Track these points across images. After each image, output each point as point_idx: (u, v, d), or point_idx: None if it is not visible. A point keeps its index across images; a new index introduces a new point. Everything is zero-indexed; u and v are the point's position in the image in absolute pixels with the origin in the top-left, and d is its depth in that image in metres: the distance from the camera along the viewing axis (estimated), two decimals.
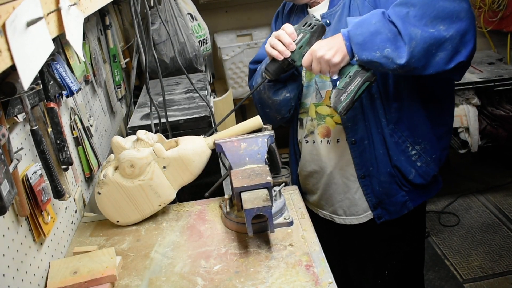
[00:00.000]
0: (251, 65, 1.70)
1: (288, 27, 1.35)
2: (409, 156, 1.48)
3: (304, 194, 1.73)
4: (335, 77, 1.33)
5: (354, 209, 1.57)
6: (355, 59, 1.28)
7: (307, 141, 1.60)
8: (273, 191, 1.28)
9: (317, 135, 1.55)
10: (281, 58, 1.35)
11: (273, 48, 1.35)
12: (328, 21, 1.45)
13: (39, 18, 0.68)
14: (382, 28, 1.22)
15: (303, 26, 1.34)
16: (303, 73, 1.56)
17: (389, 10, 1.25)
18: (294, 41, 1.34)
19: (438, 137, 1.51)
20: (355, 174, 1.52)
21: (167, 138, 1.43)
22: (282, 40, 1.34)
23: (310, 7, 1.54)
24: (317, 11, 1.51)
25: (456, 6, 1.21)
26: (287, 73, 1.44)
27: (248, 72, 1.73)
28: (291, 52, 1.34)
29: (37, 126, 1.04)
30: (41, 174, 1.10)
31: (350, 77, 1.29)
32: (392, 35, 1.22)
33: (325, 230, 1.66)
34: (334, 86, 1.40)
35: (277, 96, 1.51)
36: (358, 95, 1.29)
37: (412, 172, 1.50)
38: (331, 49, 1.28)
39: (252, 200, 1.15)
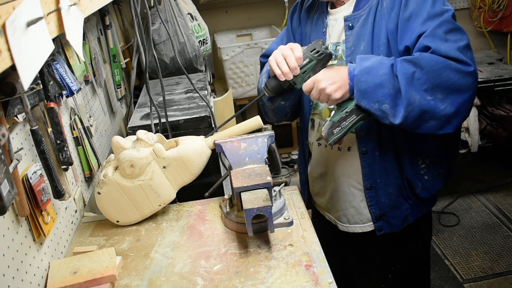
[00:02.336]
0: (262, 58, 1.68)
1: (297, 50, 1.32)
2: (418, 170, 1.47)
3: (313, 195, 1.72)
4: (332, 106, 1.35)
5: (359, 217, 1.55)
6: (354, 102, 1.29)
7: (319, 144, 1.58)
8: (273, 191, 1.28)
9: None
10: (283, 79, 1.34)
11: (278, 66, 1.34)
12: (351, 24, 1.41)
13: (39, 18, 0.68)
14: (386, 83, 1.24)
15: (311, 52, 1.32)
16: None
17: (398, 64, 1.26)
18: (299, 65, 1.32)
19: (446, 151, 1.50)
20: (362, 183, 1.50)
21: (167, 138, 1.43)
22: (288, 62, 1.32)
23: (333, 7, 1.50)
24: (340, 13, 1.47)
25: (461, 79, 1.23)
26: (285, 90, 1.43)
27: (260, 65, 1.71)
28: (294, 76, 1.33)
29: (37, 126, 1.04)
30: (41, 174, 1.10)
31: (347, 113, 1.30)
32: (394, 92, 1.24)
33: (330, 233, 1.65)
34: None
35: (272, 103, 1.51)
36: (350, 131, 1.33)
37: (419, 185, 1.48)
38: (334, 83, 1.28)
39: (252, 200, 1.15)
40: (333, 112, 1.34)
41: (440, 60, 1.23)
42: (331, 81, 1.28)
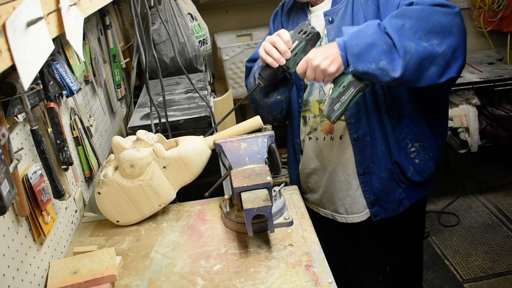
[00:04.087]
0: (248, 63, 1.70)
1: (284, 34, 1.34)
2: (408, 153, 1.50)
3: (304, 193, 1.73)
4: (328, 85, 1.34)
5: (356, 206, 1.58)
6: (350, 69, 1.28)
7: (310, 138, 1.60)
8: (273, 191, 1.28)
9: (320, 131, 1.56)
10: (276, 65, 1.35)
11: (268, 54, 1.35)
12: (331, 19, 1.46)
13: (39, 18, 0.68)
14: (378, 40, 1.23)
15: (299, 34, 1.34)
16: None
17: (385, 21, 1.26)
18: (289, 49, 1.34)
19: (435, 136, 1.54)
20: (356, 170, 1.53)
21: (167, 138, 1.43)
22: (278, 47, 1.34)
23: (312, 6, 1.55)
24: (320, 10, 1.52)
25: (451, 20, 1.24)
26: (280, 77, 1.44)
27: (245, 70, 1.74)
28: (286, 60, 1.34)
29: (37, 126, 1.04)
30: (41, 174, 1.10)
31: (344, 87, 1.30)
32: (387, 47, 1.23)
33: (326, 229, 1.66)
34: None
35: (268, 98, 1.52)
36: (351, 104, 1.32)
37: (410, 169, 1.52)
38: (327, 58, 1.28)
39: (252, 200, 1.15)
40: (330, 90, 1.34)
41: (426, 7, 1.24)
42: (323, 57, 1.28)
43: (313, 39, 1.34)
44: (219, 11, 3.40)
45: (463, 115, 2.98)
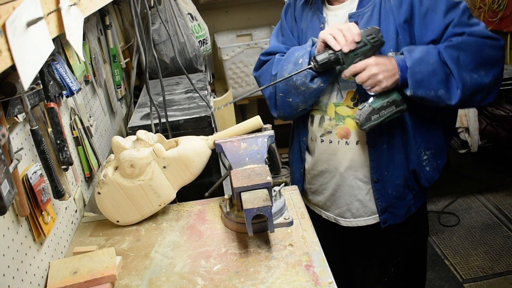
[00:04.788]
0: (263, 56, 1.67)
1: (354, 27, 1.33)
2: (421, 161, 1.51)
3: (307, 194, 1.72)
4: (372, 93, 1.36)
5: (363, 210, 1.57)
6: (408, 93, 1.34)
7: (322, 140, 1.56)
8: (273, 191, 1.28)
9: (334, 135, 1.53)
10: (337, 48, 1.33)
11: (334, 38, 1.34)
12: (356, 21, 1.42)
13: (39, 18, 0.68)
14: (438, 70, 1.32)
15: (367, 36, 1.32)
16: None
17: (442, 51, 1.33)
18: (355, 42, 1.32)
19: (445, 144, 1.56)
20: (369, 176, 1.52)
21: (167, 138, 1.43)
22: (346, 34, 1.33)
23: (330, 3, 1.51)
24: (340, 9, 1.49)
25: (498, 54, 1.37)
26: (329, 67, 1.40)
27: (257, 62, 1.69)
28: (349, 51, 1.32)
29: (37, 126, 1.04)
30: (41, 174, 1.10)
31: (388, 102, 1.35)
32: (445, 77, 1.33)
33: (328, 231, 1.65)
34: (356, 87, 1.44)
35: (313, 83, 1.45)
36: (387, 120, 1.37)
37: (422, 176, 1.53)
38: (387, 71, 1.32)
39: (252, 200, 1.15)
40: (371, 99, 1.36)
41: (479, 40, 1.34)
42: (384, 68, 1.31)
43: (378, 47, 1.34)
44: (219, 11, 3.40)
45: (463, 115, 2.98)
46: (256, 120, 1.39)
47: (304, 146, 1.65)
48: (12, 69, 0.62)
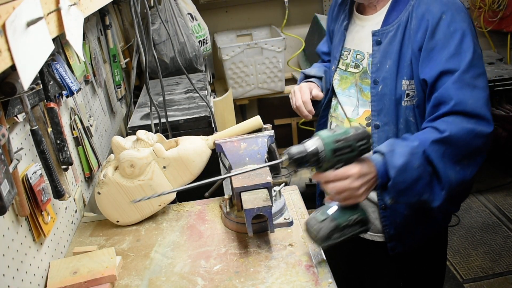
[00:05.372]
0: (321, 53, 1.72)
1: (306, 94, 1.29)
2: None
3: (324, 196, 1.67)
4: (340, 205, 1.13)
5: (371, 227, 1.46)
6: (388, 201, 1.19)
7: None
8: (273, 191, 1.28)
9: None
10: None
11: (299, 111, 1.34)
12: (379, 39, 1.34)
13: (39, 18, 0.68)
14: (423, 173, 1.17)
15: (358, 142, 1.08)
16: (337, 80, 1.50)
17: (428, 147, 1.17)
18: (337, 141, 1.07)
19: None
20: (376, 200, 1.43)
21: (167, 138, 1.43)
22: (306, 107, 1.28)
23: (361, 13, 1.43)
24: (370, 21, 1.40)
25: (484, 144, 1.21)
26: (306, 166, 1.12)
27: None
28: (333, 153, 1.06)
29: (37, 126, 1.04)
30: (41, 174, 1.10)
31: (355, 220, 1.11)
32: (430, 178, 1.18)
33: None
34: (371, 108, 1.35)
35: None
36: (345, 239, 1.12)
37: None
38: (368, 182, 1.13)
39: (252, 200, 1.15)
40: (332, 209, 1.11)
41: (466, 131, 1.18)
42: (366, 180, 1.13)
43: (363, 154, 1.12)
44: (219, 11, 3.40)
45: None
46: (256, 120, 1.39)
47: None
48: (12, 69, 0.62)
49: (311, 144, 1.04)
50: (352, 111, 1.46)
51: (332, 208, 1.11)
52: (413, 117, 1.33)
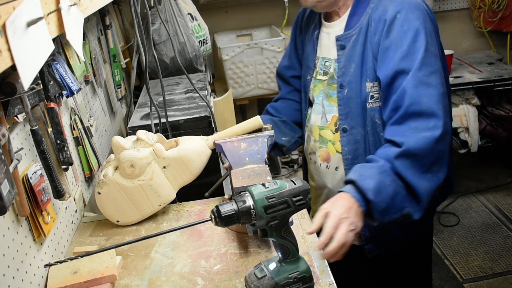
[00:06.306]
0: (277, 77, 1.72)
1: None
2: None
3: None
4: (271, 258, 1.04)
5: None
6: (375, 224, 1.21)
7: (310, 158, 1.57)
8: None
9: (318, 157, 1.51)
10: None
11: None
12: (343, 44, 1.38)
13: (39, 18, 0.68)
14: (398, 188, 1.19)
15: (294, 197, 0.98)
16: (311, 90, 1.51)
17: (394, 162, 1.20)
18: (273, 203, 0.96)
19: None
20: None
21: (167, 138, 1.43)
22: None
23: (327, 20, 1.46)
24: (334, 27, 1.42)
25: (445, 142, 1.23)
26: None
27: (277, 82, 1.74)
28: (266, 210, 0.96)
29: (37, 126, 1.04)
30: (41, 174, 1.10)
31: (295, 278, 1.01)
32: (405, 191, 1.20)
33: None
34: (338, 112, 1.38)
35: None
36: None
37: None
38: (353, 216, 1.13)
39: None
40: (272, 265, 1.02)
41: (425, 140, 1.20)
42: (352, 213, 1.13)
43: (303, 208, 1.01)
44: (219, 11, 3.40)
45: (463, 115, 2.98)
46: (256, 120, 1.39)
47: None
48: (12, 69, 0.62)
49: (242, 202, 0.95)
50: (321, 118, 1.49)
51: (272, 264, 1.02)
52: (379, 118, 1.36)
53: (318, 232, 1.15)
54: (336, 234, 1.09)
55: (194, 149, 1.34)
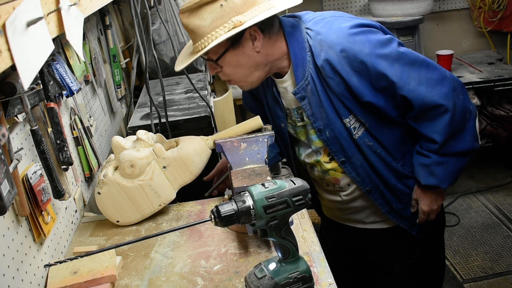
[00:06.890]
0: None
1: None
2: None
3: (319, 200, 1.69)
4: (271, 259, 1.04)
5: (373, 217, 1.53)
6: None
7: (317, 181, 1.58)
8: None
9: (326, 183, 1.54)
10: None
11: None
12: (302, 95, 1.36)
13: (39, 18, 0.68)
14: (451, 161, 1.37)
15: (294, 197, 0.98)
16: (293, 133, 1.51)
17: (441, 151, 1.36)
18: (272, 204, 0.97)
19: None
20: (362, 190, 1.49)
21: (167, 138, 1.43)
22: None
23: (276, 77, 1.43)
24: (286, 82, 1.41)
25: (466, 99, 1.37)
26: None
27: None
28: (266, 211, 0.96)
29: (37, 126, 1.04)
30: (41, 174, 1.10)
31: (295, 278, 1.01)
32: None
33: (342, 234, 1.64)
34: (324, 144, 1.41)
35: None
36: None
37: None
38: (437, 200, 1.45)
39: None
40: (272, 265, 1.02)
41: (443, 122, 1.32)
42: (434, 199, 1.44)
43: (303, 208, 1.01)
44: None
45: None
46: (256, 120, 1.39)
47: (294, 160, 1.63)
48: (12, 69, 0.62)
49: (242, 202, 0.95)
50: (316, 154, 1.49)
51: (272, 264, 1.03)
52: (370, 140, 1.38)
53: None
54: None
55: (194, 149, 1.34)
